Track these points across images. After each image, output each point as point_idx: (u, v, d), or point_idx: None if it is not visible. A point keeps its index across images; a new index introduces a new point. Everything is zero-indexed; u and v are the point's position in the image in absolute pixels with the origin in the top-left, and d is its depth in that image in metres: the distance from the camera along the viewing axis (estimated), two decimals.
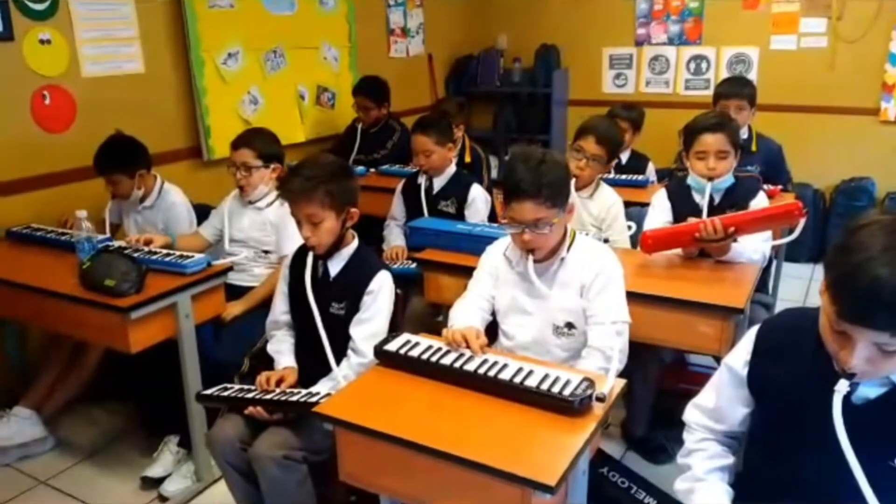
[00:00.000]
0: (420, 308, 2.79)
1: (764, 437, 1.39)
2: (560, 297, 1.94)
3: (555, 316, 1.97)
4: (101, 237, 2.58)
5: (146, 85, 3.38)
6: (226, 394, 1.95)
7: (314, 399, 1.76)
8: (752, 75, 4.79)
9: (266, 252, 2.78)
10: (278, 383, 1.95)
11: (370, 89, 4.16)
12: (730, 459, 1.47)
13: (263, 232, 2.77)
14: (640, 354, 2.29)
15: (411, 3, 5.10)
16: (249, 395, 1.90)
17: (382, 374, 1.67)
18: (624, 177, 3.57)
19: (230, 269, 2.52)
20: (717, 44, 4.97)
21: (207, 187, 3.32)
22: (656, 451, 2.62)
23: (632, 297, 2.00)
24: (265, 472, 1.81)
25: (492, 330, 2.09)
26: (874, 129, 4.61)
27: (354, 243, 2.08)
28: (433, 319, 2.80)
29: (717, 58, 4.99)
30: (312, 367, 1.98)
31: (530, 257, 1.89)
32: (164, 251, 2.50)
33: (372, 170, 3.96)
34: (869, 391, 1.20)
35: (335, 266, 2.04)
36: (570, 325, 1.97)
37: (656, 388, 2.62)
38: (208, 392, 2.01)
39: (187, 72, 3.56)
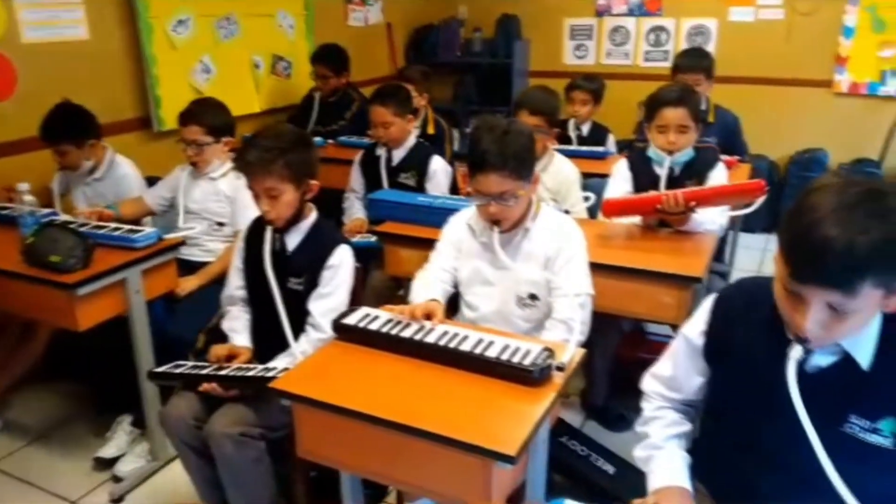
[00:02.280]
0: (381, 281, 2.76)
1: (720, 405, 1.40)
2: (524, 269, 1.93)
3: (518, 287, 1.96)
4: (45, 211, 2.47)
5: (91, 52, 3.23)
6: (179, 371, 1.90)
7: (271, 374, 1.73)
8: (711, 47, 4.82)
9: (220, 224, 2.70)
10: (229, 359, 1.90)
11: (329, 57, 4.07)
12: (687, 427, 1.48)
13: (218, 203, 2.69)
14: (600, 324, 2.29)
15: None
16: (204, 372, 1.85)
17: (341, 348, 1.64)
18: (584, 148, 3.58)
19: (182, 243, 2.45)
20: (677, 15, 4.98)
21: (158, 159, 3.21)
22: (615, 419, 2.66)
23: (592, 267, 1.99)
24: (221, 451, 1.77)
25: (455, 302, 2.07)
26: (827, 101, 4.70)
27: (313, 216, 2.03)
28: (394, 293, 2.77)
29: (676, 29, 5.01)
30: (270, 343, 1.94)
31: (495, 228, 1.87)
32: (113, 225, 2.41)
33: (330, 141, 3.88)
34: (821, 360, 1.21)
35: (293, 240, 1.99)
36: (533, 297, 1.96)
37: (615, 357, 2.65)
38: (160, 370, 1.95)
39: (135, 39, 3.42)
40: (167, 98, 3.52)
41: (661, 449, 1.43)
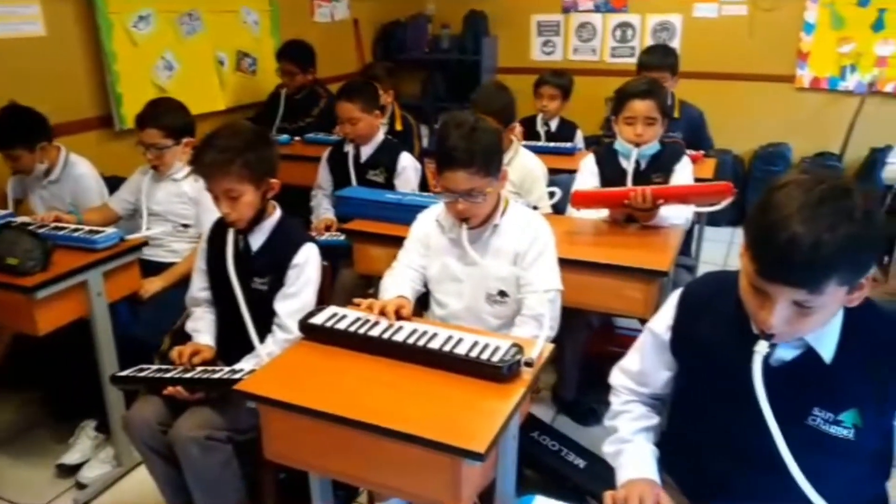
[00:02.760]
0: (350, 280, 2.74)
1: (687, 398, 1.41)
2: (493, 265, 1.92)
3: (487, 284, 1.95)
4: (1, 213, 2.40)
5: (49, 49, 3.14)
6: (142, 374, 1.86)
7: (237, 376, 1.69)
8: (676, 42, 4.87)
9: (185, 226, 2.65)
10: (192, 357, 1.86)
11: (295, 54, 4.02)
12: (654, 420, 1.50)
13: (181, 204, 2.64)
14: (569, 319, 2.31)
15: None
16: (168, 375, 1.81)
17: (308, 348, 1.61)
18: (552, 144, 3.59)
19: (145, 243, 2.40)
20: (642, 11, 5.02)
21: (120, 158, 3.14)
22: (585, 413, 2.68)
23: (560, 263, 1.99)
24: (187, 455, 1.74)
25: (425, 300, 2.06)
26: (790, 96, 4.78)
27: (276, 215, 1.99)
28: (364, 291, 2.75)
29: (642, 25, 5.05)
30: (236, 345, 1.90)
31: (464, 225, 1.86)
32: (73, 226, 2.35)
33: (297, 138, 3.84)
34: (785, 354, 1.23)
35: (257, 240, 1.96)
36: (502, 293, 1.95)
37: (585, 351, 2.66)
38: (123, 373, 1.91)
39: (94, 35, 3.33)
40: (129, 96, 3.44)
41: (629, 442, 1.44)
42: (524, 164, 2.79)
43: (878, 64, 4.54)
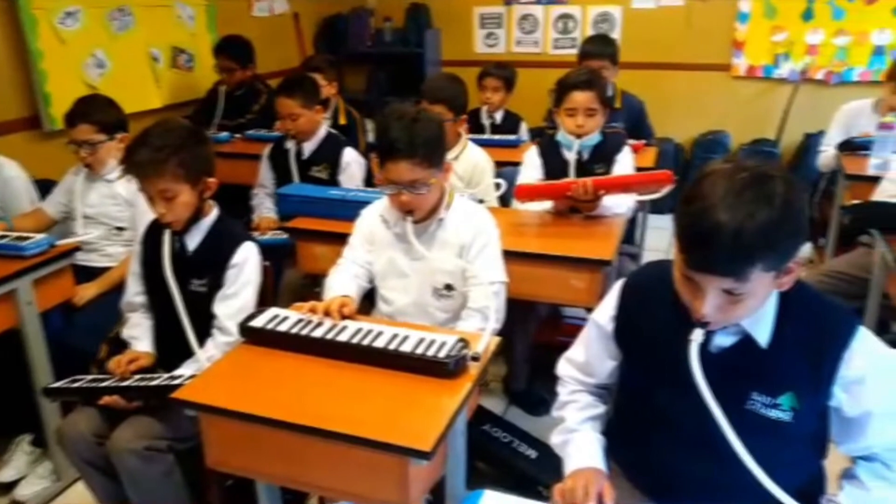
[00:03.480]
0: (295, 280, 2.69)
1: (632, 387, 1.42)
2: (439, 259, 1.91)
3: (434, 278, 1.94)
4: None
5: None
6: (76, 385, 1.78)
7: (176, 382, 1.64)
8: (616, 33, 4.93)
9: (120, 229, 2.56)
10: (130, 365, 1.80)
11: (233, 49, 3.92)
12: (601, 409, 1.51)
13: (116, 207, 2.54)
14: (518, 311, 2.32)
15: None
16: (103, 385, 1.74)
17: (249, 351, 1.57)
18: (497, 137, 3.59)
19: (77, 248, 2.30)
20: (583, 2, 5.06)
21: (50, 161, 3.00)
22: (537, 403, 2.69)
23: (506, 255, 2.00)
24: (125, 467, 1.68)
25: (372, 296, 2.04)
26: (727, 85, 4.89)
27: (214, 214, 1.94)
28: (310, 291, 2.70)
29: (583, 16, 5.09)
30: (175, 350, 1.84)
31: (409, 218, 1.84)
32: (0, 233, 2.24)
33: (237, 135, 3.75)
34: (724, 340, 1.25)
35: (193, 240, 1.90)
36: (449, 287, 1.95)
37: (534, 342, 2.68)
38: (56, 385, 1.82)
39: (18, 33, 3.18)
40: (58, 95, 3.30)
41: (576, 432, 1.45)
42: (472, 158, 2.79)
43: (809, 52, 4.68)
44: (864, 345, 1.21)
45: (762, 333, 1.23)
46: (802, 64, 4.69)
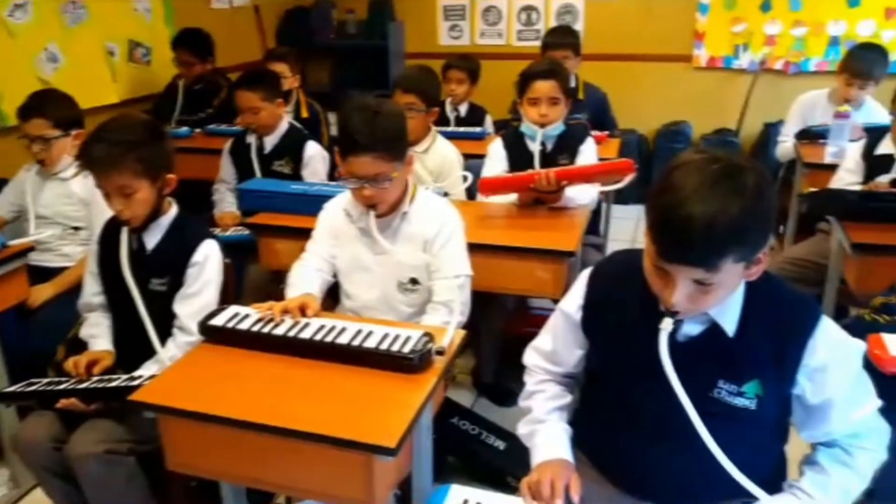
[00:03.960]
0: (259, 276, 2.65)
1: (599, 376, 1.43)
2: (403, 252, 1.90)
3: (399, 272, 1.93)
4: None
5: None
6: (32, 388, 1.73)
7: (136, 383, 1.60)
8: (579, 25, 4.95)
9: (76, 228, 2.49)
10: (90, 367, 1.75)
11: (191, 42, 3.84)
12: (568, 398, 1.51)
13: (71, 206, 2.47)
14: (484, 303, 2.32)
15: None
16: (60, 387, 1.69)
17: (210, 351, 1.54)
18: (462, 129, 3.59)
19: (31, 249, 2.24)
20: None
21: (1, 158, 2.91)
22: (505, 394, 2.70)
23: (471, 248, 2.00)
24: (85, 472, 1.63)
25: (337, 291, 2.02)
26: (688, 75, 4.95)
27: (173, 211, 1.89)
28: (275, 287, 2.66)
29: (545, 8, 5.10)
30: (135, 351, 1.80)
31: (372, 213, 1.82)
32: None
33: (198, 130, 3.68)
34: (691, 329, 1.26)
35: (152, 238, 1.85)
36: (414, 281, 1.94)
37: (502, 333, 2.68)
38: (10, 390, 1.77)
39: None
40: (9, 91, 3.18)
41: (543, 423, 1.45)
42: (441, 151, 2.78)
43: (768, 43, 4.76)
44: (827, 334, 1.23)
45: (729, 322, 1.24)
46: (761, 54, 4.76)
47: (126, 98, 3.93)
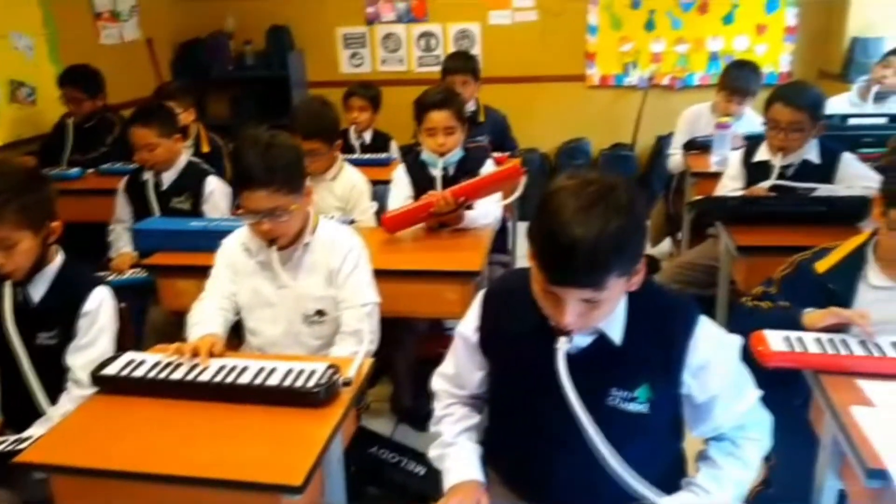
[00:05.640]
0: (161, 318, 2.55)
1: (501, 394, 1.46)
2: (307, 285, 1.88)
3: (304, 305, 1.91)
4: None
5: None
6: None
7: (23, 445, 1.50)
8: (477, 49, 5.08)
9: None
10: None
11: (79, 79, 3.68)
12: (475, 418, 1.53)
13: None
14: (397, 328, 2.32)
15: None
16: None
17: (104, 402, 1.47)
18: (367, 156, 3.60)
19: None
20: (443, 20, 5.17)
21: None
22: (425, 418, 2.62)
23: (380, 274, 2.00)
24: None
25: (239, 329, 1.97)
26: (583, 94, 5.15)
27: (59, 260, 1.80)
28: (178, 329, 2.57)
29: (443, 34, 5.20)
30: (23, 411, 1.69)
31: (272, 246, 1.79)
32: None
33: (90, 170, 3.53)
34: (581, 341, 1.30)
35: (38, 290, 1.75)
36: (320, 313, 1.92)
37: (417, 357, 2.68)
38: None
39: None
40: None
41: (452, 446, 1.46)
42: (350, 178, 2.78)
43: (654, 60, 5.02)
44: (705, 333, 1.30)
45: (615, 332, 1.29)
46: (649, 72, 5.03)
47: (10, 140, 3.75)
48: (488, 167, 2.69)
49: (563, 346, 1.23)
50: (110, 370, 1.50)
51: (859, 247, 1.74)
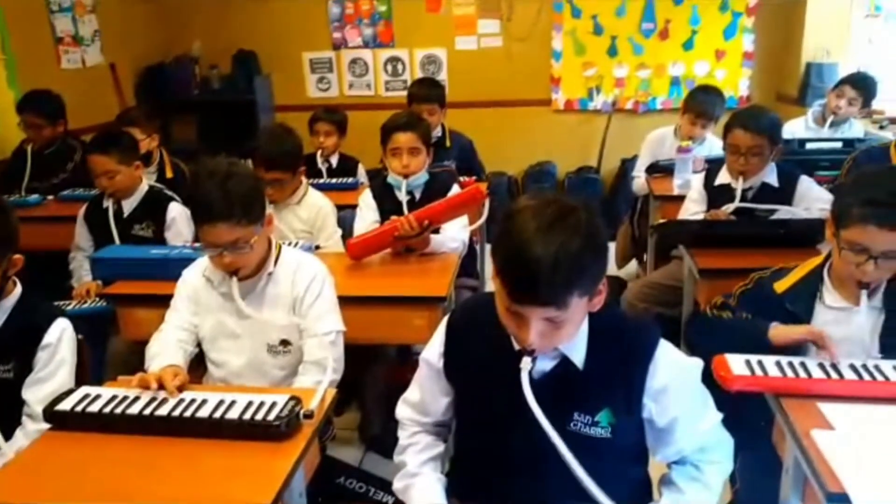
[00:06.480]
0: (122, 349, 2.48)
1: (467, 420, 1.45)
2: (271, 315, 1.85)
3: (268, 335, 1.88)
4: None
5: None
6: None
7: None
8: (443, 75, 5.14)
9: None
10: None
11: (39, 105, 3.61)
12: (440, 447, 1.52)
13: None
14: (364, 355, 2.30)
15: (80, 8, 4.55)
16: None
17: (57, 439, 1.42)
18: (334, 180, 3.59)
19: None
20: (409, 46, 5.22)
21: None
22: (394, 446, 2.63)
23: (345, 300, 1.98)
24: None
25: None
26: (549, 118, 5.22)
27: (17, 291, 1.75)
28: (141, 360, 2.51)
29: (410, 59, 5.25)
30: None
31: (234, 277, 1.77)
32: None
33: (51, 197, 3.45)
34: (544, 365, 1.30)
35: None
36: (285, 343, 1.89)
37: (387, 384, 2.65)
38: None
39: None
40: None
41: (417, 476, 1.45)
42: (315, 203, 2.76)
43: (617, 85, 5.12)
44: (665, 356, 1.31)
45: (578, 355, 1.30)
46: (612, 96, 5.12)
47: None
48: (455, 191, 2.70)
49: (526, 365, 1.23)
50: (65, 405, 1.45)
51: (816, 268, 1.78)
